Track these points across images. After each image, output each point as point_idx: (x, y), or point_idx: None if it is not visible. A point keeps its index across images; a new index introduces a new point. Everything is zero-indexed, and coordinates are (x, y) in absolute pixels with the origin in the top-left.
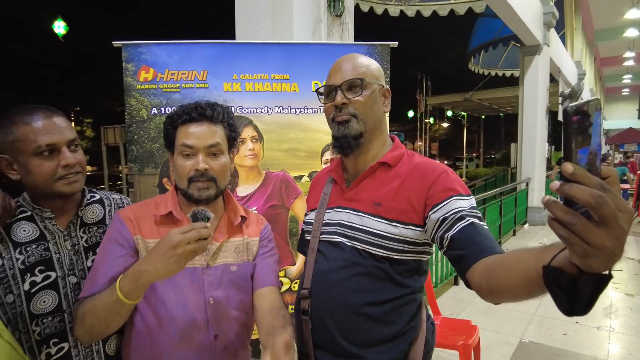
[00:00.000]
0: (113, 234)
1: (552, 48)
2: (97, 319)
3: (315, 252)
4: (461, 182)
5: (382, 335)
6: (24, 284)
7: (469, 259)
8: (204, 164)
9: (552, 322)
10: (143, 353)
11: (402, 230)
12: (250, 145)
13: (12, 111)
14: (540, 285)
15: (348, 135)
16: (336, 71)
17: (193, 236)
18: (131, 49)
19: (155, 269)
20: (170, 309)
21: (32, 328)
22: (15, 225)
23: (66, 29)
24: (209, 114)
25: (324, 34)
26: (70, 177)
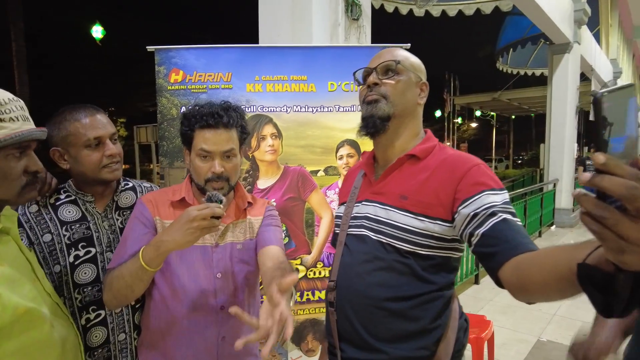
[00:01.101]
0: (137, 215)
1: (584, 46)
2: (123, 284)
3: (342, 245)
4: (494, 175)
5: (404, 331)
6: (69, 257)
7: (500, 257)
8: (220, 168)
9: (573, 323)
10: (159, 320)
11: (428, 224)
12: (270, 141)
13: (63, 110)
14: (574, 284)
15: (375, 114)
16: (375, 57)
17: (207, 213)
18: (163, 53)
19: (174, 239)
20: (183, 282)
21: (75, 295)
22: (62, 207)
23: (103, 33)
24: (225, 121)
25: (341, 37)
26: (112, 165)
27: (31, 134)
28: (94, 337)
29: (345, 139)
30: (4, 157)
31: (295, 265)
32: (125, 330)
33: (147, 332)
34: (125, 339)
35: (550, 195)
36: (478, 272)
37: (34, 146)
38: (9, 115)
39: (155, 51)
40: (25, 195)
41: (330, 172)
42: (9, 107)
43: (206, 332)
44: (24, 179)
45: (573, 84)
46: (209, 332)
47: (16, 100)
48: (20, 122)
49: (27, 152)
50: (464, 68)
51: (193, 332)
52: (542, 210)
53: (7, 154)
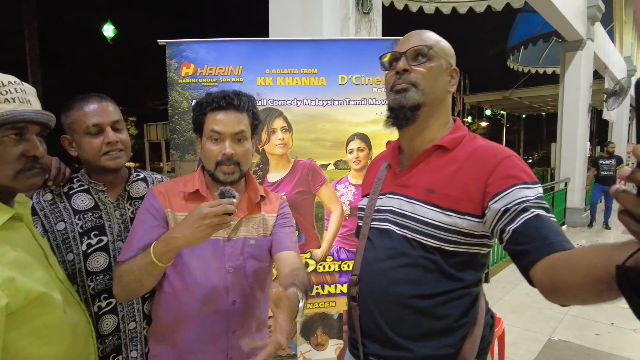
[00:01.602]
0: (147, 206)
1: (597, 43)
2: (132, 278)
3: (365, 239)
4: (527, 168)
5: (430, 329)
6: (82, 245)
7: (533, 255)
8: (230, 149)
9: (585, 323)
10: (169, 312)
11: (456, 220)
12: (280, 135)
13: (73, 99)
14: (611, 287)
15: (405, 105)
16: (404, 40)
17: (219, 210)
18: (174, 47)
19: (185, 236)
20: (194, 275)
21: (87, 283)
22: (75, 196)
23: (114, 32)
24: (236, 103)
25: (352, 30)
26: (113, 153)
27: (21, 114)
28: (105, 324)
29: (356, 132)
30: (0, 139)
31: (305, 259)
32: (136, 319)
33: (156, 324)
34: (136, 327)
35: (562, 194)
36: (488, 270)
37: (35, 130)
38: (4, 96)
39: (166, 45)
40: (25, 181)
41: (340, 166)
42: (6, 89)
43: (216, 325)
44: (21, 163)
45: (586, 82)
46: (219, 326)
47: (18, 83)
48: (17, 103)
49: (27, 136)
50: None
51: (203, 325)
52: (553, 209)
53: (4, 136)
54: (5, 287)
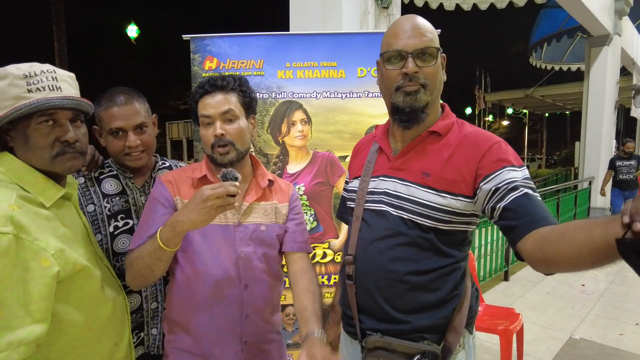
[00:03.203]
0: (155, 195)
1: (625, 38)
2: (143, 265)
3: (359, 220)
4: (514, 153)
5: (425, 302)
6: (109, 227)
7: (522, 229)
8: (220, 130)
9: (608, 322)
10: (183, 298)
11: (450, 201)
12: (299, 127)
13: (104, 93)
14: (608, 255)
15: (417, 108)
16: (404, 35)
17: (221, 192)
18: (198, 42)
19: (189, 219)
20: (205, 261)
21: (114, 263)
22: (104, 180)
23: (138, 32)
24: (219, 84)
25: (371, 24)
26: (134, 155)
27: (47, 101)
28: (129, 302)
29: (374, 124)
30: (34, 126)
31: (323, 249)
32: (158, 300)
33: (170, 311)
34: (157, 307)
35: (585, 193)
36: (508, 268)
37: (68, 116)
38: (36, 86)
39: (190, 39)
40: (61, 165)
41: None
42: (38, 78)
43: (229, 310)
44: (56, 147)
45: (612, 78)
46: (232, 311)
47: (51, 71)
48: (46, 91)
49: (60, 122)
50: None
51: (216, 310)
52: (576, 208)
53: (38, 123)
54: (57, 256)
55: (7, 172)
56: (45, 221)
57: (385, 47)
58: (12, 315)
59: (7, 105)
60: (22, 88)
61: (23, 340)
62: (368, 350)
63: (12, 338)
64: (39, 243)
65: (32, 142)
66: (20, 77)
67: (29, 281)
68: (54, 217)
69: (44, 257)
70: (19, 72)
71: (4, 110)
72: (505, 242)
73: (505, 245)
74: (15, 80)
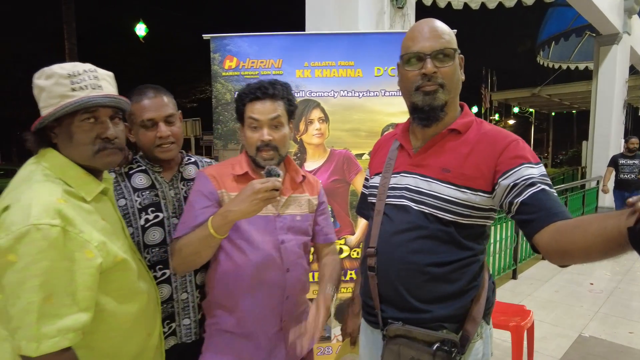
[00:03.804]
0: (200, 188)
1: (634, 36)
2: (192, 250)
3: (381, 214)
4: (531, 150)
5: (445, 293)
6: (140, 220)
7: (539, 222)
8: (268, 136)
9: (618, 320)
10: (228, 283)
11: (470, 196)
12: (317, 125)
13: (134, 89)
14: (620, 245)
15: (436, 107)
16: (422, 37)
17: (270, 186)
18: (218, 41)
19: (240, 209)
20: (251, 248)
21: (144, 255)
22: (134, 175)
23: (146, 31)
24: (271, 92)
25: (387, 24)
26: (165, 146)
27: (90, 100)
28: (159, 292)
29: (390, 122)
30: (78, 124)
31: (339, 245)
32: (187, 290)
33: (213, 294)
34: (187, 298)
35: (593, 193)
36: (516, 267)
37: (108, 113)
38: (79, 84)
39: (210, 39)
40: (102, 160)
41: None
42: (81, 77)
43: (273, 292)
44: (97, 143)
45: (621, 77)
46: (275, 292)
47: (92, 71)
48: (89, 90)
49: (101, 119)
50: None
51: (260, 292)
52: (584, 208)
53: (81, 120)
54: (99, 248)
55: (51, 167)
56: (87, 215)
57: (404, 49)
58: (60, 304)
59: (52, 103)
60: (66, 87)
61: (71, 327)
62: (389, 338)
63: (61, 325)
64: (83, 235)
65: (76, 138)
66: (65, 77)
67: (75, 271)
68: (94, 211)
69: (88, 248)
70: (63, 71)
71: (50, 108)
72: (513, 241)
73: (514, 243)
74: (60, 80)
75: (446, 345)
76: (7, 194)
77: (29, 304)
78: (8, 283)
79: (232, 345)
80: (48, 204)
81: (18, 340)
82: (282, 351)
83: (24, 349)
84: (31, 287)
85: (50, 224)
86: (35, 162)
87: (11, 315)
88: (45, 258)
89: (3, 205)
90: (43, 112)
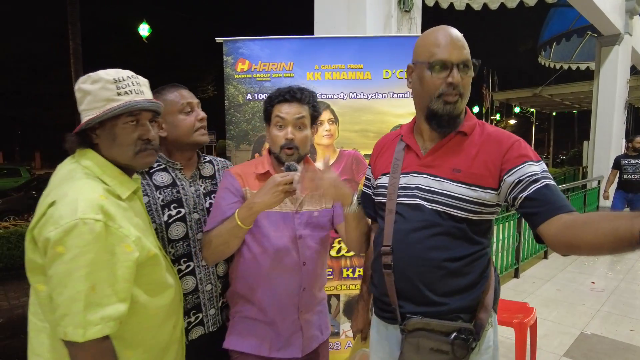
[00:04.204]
0: (227, 185)
1: (636, 37)
2: (221, 241)
3: (393, 213)
4: (532, 150)
5: (459, 286)
6: (163, 216)
7: (544, 215)
8: (291, 135)
9: (620, 318)
10: (249, 274)
11: (480, 193)
12: (327, 126)
13: (162, 88)
14: (631, 244)
15: (455, 116)
16: (449, 45)
17: (289, 179)
18: (230, 44)
19: (263, 200)
20: (271, 242)
21: (169, 249)
22: (155, 173)
23: (150, 31)
24: (298, 96)
25: (394, 28)
26: (202, 130)
27: (136, 103)
28: (185, 284)
29: (398, 124)
30: (121, 126)
31: None
32: (212, 282)
33: (236, 285)
34: (212, 289)
35: (594, 193)
36: (518, 265)
37: (148, 117)
38: (124, 89)
39: (223, 42)
40: (141, 160)
41: None
42: (125, 82)
43: (290, 283)
44: (138, 145)
45: (622, 78)
46: (292, 284)
47: (134, 77)
48: (132, 95)
49: (142, 122)
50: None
51: (278, 283)
52: (585, 207)
53: (124, 123)
54: (136, 243)
55: (90, 166)
56: (124, 211)
57: (428, 55)
58: (103, 294)
59: (98, 106)
60: (112, 91)
61: (112, 316)
62: (408, 332)
63: (103, 314)
64: (123, 230)
65: (120, 139)
66: (111, 82)
67: (115, 264)
68: (129, 208)
69: (127, 243)
70: (109, 77)
71: (95, 111)
72: (516, 240)
73: (516, 242)
74: (106, 85)
75: (463, 334)
76: (51, 191)
77: (77, 292)
78: (55, 273)
79: (254, 330)
80: (92, 199)
81: (64, 327)
82: (299, 339)
83: (71, 334)
84: (78, 277)
85: (95, 218)
86: (74, 161)
87: (57, 304)
88: (90, 251)
89: (49, 202)
90: (86, 114)
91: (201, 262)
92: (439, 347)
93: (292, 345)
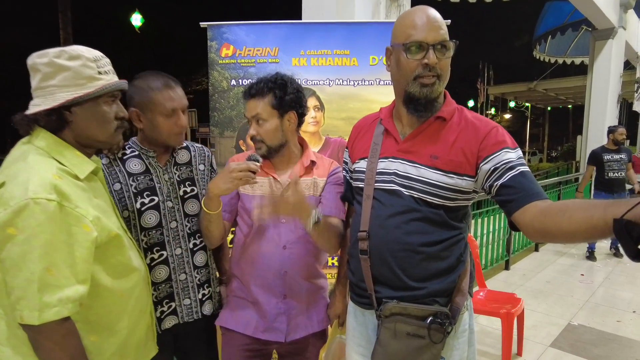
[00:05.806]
0: None
1: (630, 31)
2: (203, 227)
3: (371, 198)
4: (510, 136)
5: (437, 270)
6: (136, 204)
7: (519, 202)
8: (252, 131)
9: (607, 310)
10: (238, 255)
11: (457, 180)
12: (313, 113)
13: (145, 75)
14: (604, 233)
15: (432, 99)
16: (424, 26)
17: (243, 167)
18: (215, 29)
19: (217, 186)
20: (255, 225)
21: (141, 237)
22: (128, 160)
23: (142, 21)
24: (254, 92)
25: (382, 14)
26: (181, 135)
27: (120, 84)
28: (157, 273)
29: None
30: (103, 104)
31: None
32: (186, 271)
33: (232, 265)
34: (186, 279)
35: (587, 187)
36: (509, 257)
37: (119, 96)
38: (103, 69)
39: (207, 27)
40: (117, 137)
41: None
42: (102, 62)
43: (270, 265)
44: (116, 123)
45: (616, 72)
46: (273, 266)
47: (104, 57)
48: (111, 74)
49: (116, 101)
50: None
51: (261, 264)
52: None
53: (105, 101)
54: (95, 223)
55: (46, 147)
56: (81, 191)
57: (404, 36)
58: (60, 275)
59: (79, 83)
60: (94, 70)
61: (70, 297)
62: (385, 317)
63: (61, 295)
64: (79, 210)
65: (104, 117)
66: (91, 60)
67: (73, 244)
68: (88, 189)
69: (85, 223)
70: (90, 54)
71: (77, 88)
72: (506, 232)
73: (507, 235)
74: (87, 62)
75: (439, 318)
76: (1, 172)
77: (31, 274)
78: (8, 256)
79: (242, 310)
80: (44, 179)
81: (20, 310)
82: (283, 324)
83: (27, 317)
84: (32, 258)
85: (48, 198)
86: (27, 142)
87: (12, 287)
88: (44, 231)
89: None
90: (60, 90)
91: (174, 251)
92: (416, 331)
93: (276, 330)
